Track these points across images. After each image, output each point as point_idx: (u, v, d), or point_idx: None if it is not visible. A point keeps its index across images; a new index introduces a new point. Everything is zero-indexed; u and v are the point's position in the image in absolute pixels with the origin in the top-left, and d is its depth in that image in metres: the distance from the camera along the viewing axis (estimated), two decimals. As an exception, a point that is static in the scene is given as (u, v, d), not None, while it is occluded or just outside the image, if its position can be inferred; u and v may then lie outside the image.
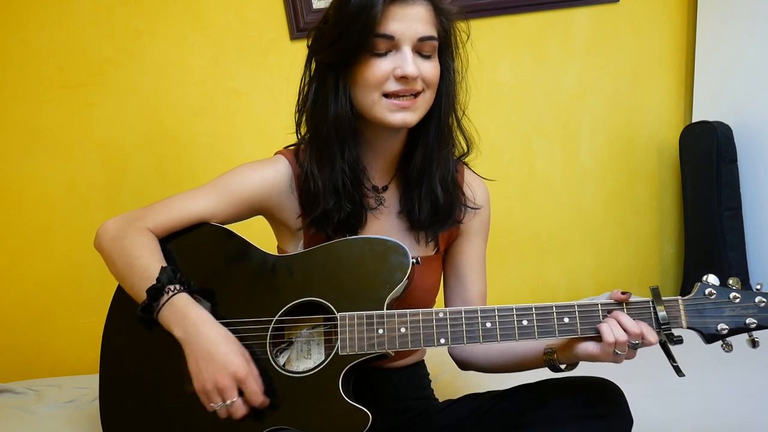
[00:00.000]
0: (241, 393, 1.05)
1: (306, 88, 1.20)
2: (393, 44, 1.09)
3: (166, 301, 1.07)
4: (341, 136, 1.14)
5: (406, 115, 1.11)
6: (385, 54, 1.10)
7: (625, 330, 1.05)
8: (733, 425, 1.49)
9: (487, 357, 1.30)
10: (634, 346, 1.05)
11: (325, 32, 1.13)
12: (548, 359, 1.17)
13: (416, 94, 1.12)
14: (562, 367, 1.17)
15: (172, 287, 1.08)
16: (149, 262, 1.11)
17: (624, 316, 1.06)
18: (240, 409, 1.05)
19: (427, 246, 1.26)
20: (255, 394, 1.05)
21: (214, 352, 1.04)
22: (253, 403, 1.05)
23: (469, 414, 1.24)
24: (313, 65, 1.18)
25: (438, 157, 1.20)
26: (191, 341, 1.05)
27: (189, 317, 1.06)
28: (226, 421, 1.12)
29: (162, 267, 1.10)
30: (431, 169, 1.19)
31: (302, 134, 1.23)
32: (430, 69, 1.12)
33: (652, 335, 1.05)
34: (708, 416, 1.51)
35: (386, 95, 1.11)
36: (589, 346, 1.08)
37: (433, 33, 1.12)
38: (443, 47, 1.16)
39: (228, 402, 1.04)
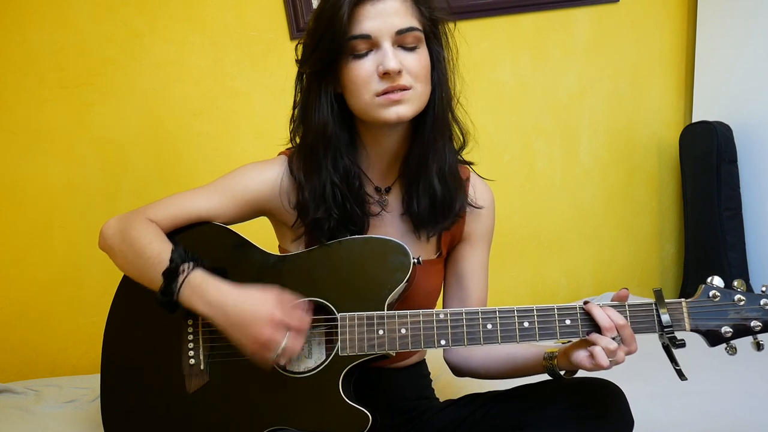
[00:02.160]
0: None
1: (296, 95, 1.20)
2: (372, 43, 1.08)
3: (183, 280, 1.07)
4: (326, 144, 1.14)
5: (399, 109, 1.09)
6: (365, 54, 1.09)
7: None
8: (734, 427, 1.49)
9: (486, 362, 1.30)
10: (616, 340, 1.04)
11: (307, 43, 1.14)
12: (548, 365, 1.16)
13: (404, 89, 1.09)
14: (562, 373, 1.16)
15: (186, 265, 1.09)
16: (159, 247, 1.12)
17: (611, 310, 1.07)
18: (296, 345, 1.05)
19: (430, 247, 1.26)
20: (297, 326, 1.05)
21: (242, 313, 1.04)
22: (302, 333, 1.06)
23: (469, 414, 1.24)
24: (304, 78, 1.18)
25: (434, 149, 1.17)
26: (218, 314, 1.06)
27: (208, 291, 1.07)
28: (227, 420, 1.12)
29: (172, 249, 1.10)
30: (427, 162, 1.18)
31: (296, 144, 1.23)
32: (415, 61, 1.10)
33: (621, 319, 1.06)
34: (709, 418, 1.51)
35: (377, 95, 1.09)
36: (581, 354, 1.08)
37: (413, 24, 1.09)
38: (430, 37, 1.14)
39: (280, 348, 1.03)
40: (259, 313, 1.04)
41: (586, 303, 1.08)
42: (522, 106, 2.41)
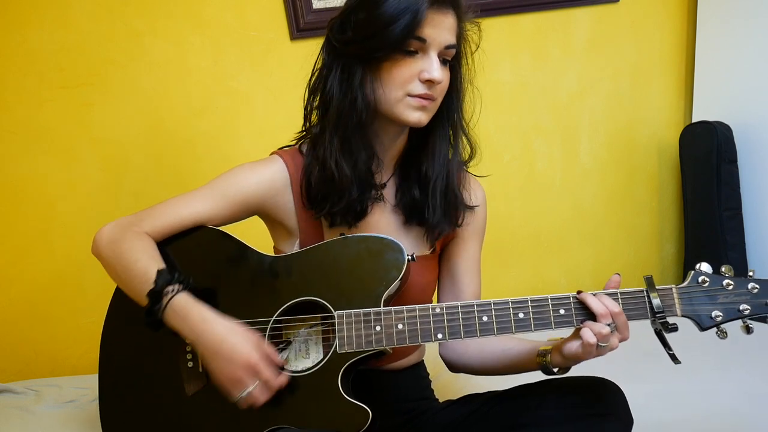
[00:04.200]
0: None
1: (324, 74, 1.19)
2: (422, 47, 1.10)
3: (167, 303, 1.07)
4: (364, 129, 1.15)
5: (422, 115, 1.13)
6: (413, 54, 1.11)
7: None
8: (733, 426, 1.48)
9: (481, 357, 1.30)
10: (611, 327, 1.05)
11: (357, 25, 1.12)
12: (542, 361, 1.16)
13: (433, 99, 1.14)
14: (555, 370, 1.16)
15: (170, 288, 1.08)
16: (147, 265, 1.11)
17: (605, 297, 1.08)
18: (260, 396, 1.05)
19: (424, 244, 1.26)
20: (269, 379, 1.05)
21: (221, 347, 1.05)
22: (269, 387, 1.06)
23: (469, 414, 1.24)
24: (329, 52, 1.18)
25: (454, 161, 1.22)
26: (199, 341, 1.06)
27: (190, 317, 1.07)
28: (226, 421, 1.12)
29: (158, 270, 1.10)
30: (448, 173, 1.21)
31: (311, 121, 1.23)
32: (447, 76, 1.15)
33: (616, 306, 1.06)
34: (708, 417, 1.51)
35: (410, 95, 1.12)
36: (574, 344, 1.08)
37: (455, 42, 1.14)
38: (457, 54, 1.18)
39: (244, 393, 1.04)
40: (238, 353, 1.04)
41: (579, 293, 1.09)
42: (522, 106, 2.41)
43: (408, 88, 1.11)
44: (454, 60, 1.18)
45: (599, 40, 2.43)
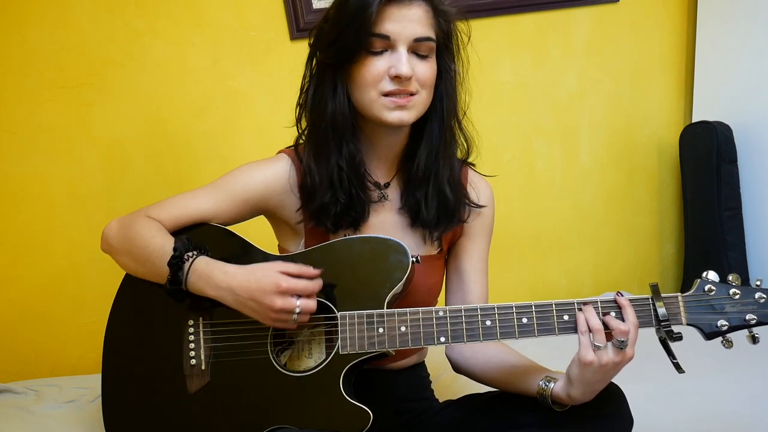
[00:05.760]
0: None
1: (306, 85, 1.21)
2: (389, 44, 1.10)
3: (189, 268, 1.10)
4: (337, 133, 1.16)
5: (403, 114, 1.12)
6: (380, 53, 1.11)
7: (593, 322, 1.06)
8: (734, 427, 1.49)
9: (486, 368, 1.27)
10: (620, 344, 1.03)
11: (325, 32, 1.15)
12: (541, 391, 1.12)
13: (411, 94, 1.13)
14: (550, 401, 1.12)
15: (190, 254, 1.11)
16: (163, 240, 1.14)
17: (591, 311, 1.06)
18: (310, 305, 1.06)
19: (431, 244, 1.26)
20: (306, 288, 1.06)
21: (249, 289, 1.06)
22: (311, 294, 1.06)
23: (469, 414, 1.24)
24: (314, 63, 1.19)
25: (444, 157, 1.21)
26: (227, 295, 1.08)
27: (214, 275, 1.09)
28: (228, 419, 1.13)
29: (175, 239, 1.13)
30: (438, 170, 1.21)
31: (302, 129, 1.24)
32: (425, 70, 1.13)
33: (621, 324, 1.04)
34: (709, 418, 1.51)
35: (384, 94, 1.12)
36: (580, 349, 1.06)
37: (430, 34, 1.13)
38: (442, 48, 1.17)
39: (296, 314, 1.05)
40: (266, 286, 1.05)
41: (585, 304, 1.08)
42: (522, 106, 2.41)
43: (379, 87, 1.11)
44: (440, 53, 1.17)
45: (599, 40, 2.43)
